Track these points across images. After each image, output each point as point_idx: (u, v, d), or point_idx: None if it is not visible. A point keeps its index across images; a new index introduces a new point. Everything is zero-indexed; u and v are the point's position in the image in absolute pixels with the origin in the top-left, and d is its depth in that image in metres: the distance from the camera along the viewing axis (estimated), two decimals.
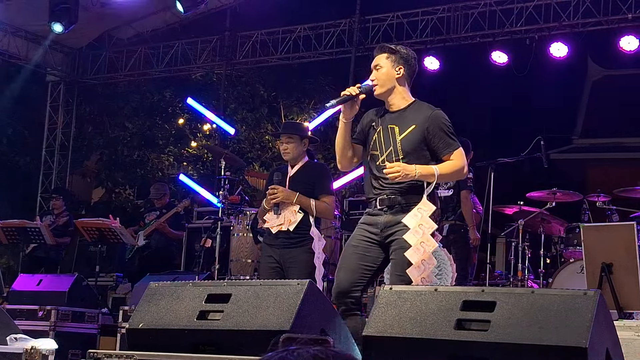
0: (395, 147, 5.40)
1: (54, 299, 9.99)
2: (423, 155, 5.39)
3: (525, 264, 9.96)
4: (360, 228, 5.49)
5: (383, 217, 5.39)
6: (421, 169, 5.25)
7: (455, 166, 5.38)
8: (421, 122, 5.39)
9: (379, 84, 5.51)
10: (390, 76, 5.50)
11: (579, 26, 12.91)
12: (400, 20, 14.20)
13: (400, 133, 5.41)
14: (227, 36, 15.66)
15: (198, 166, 18.32)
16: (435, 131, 5.37)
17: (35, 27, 14.89)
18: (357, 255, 5.40)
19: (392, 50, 5.56)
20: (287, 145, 7.19)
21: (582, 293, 3.74)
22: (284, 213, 6.96)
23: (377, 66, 5.54)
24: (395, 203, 5.37)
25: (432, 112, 5.43)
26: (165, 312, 4.33)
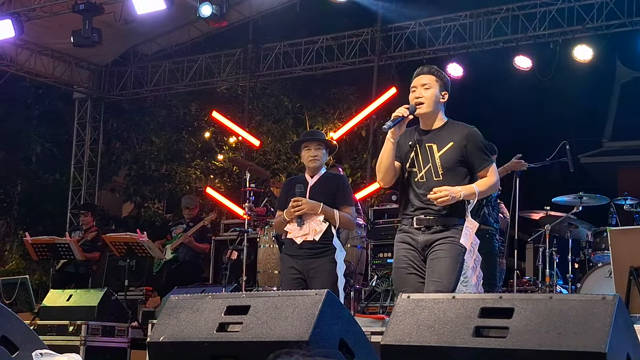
0: (434, 163, 5.59)
1: (85, 313, 10.05)
2: (461, 172, 5.60)
3: (554, 269, 9.90)
4: (403, 249, 5.66)
5: (422, 237, 5.58)
6: (464, 190, 5.46)
7: (491, 182, 5.63)
8: (458, 139, 5.59)
9: (426, 104, 5.64)
10: (437, 99, 5.67)
11: (603, 28, 12.86)
12: (423, 28, 14.21)
13: (439, 150, 5.60)
14: (250, 49, 15.74)
15: (225, 179, 18.35)
16: (473, 148, 5.59)
17: (61, 45, 15.01)
18: (411, 275, 5.59)
19: (441, 75, 5.76)
20: (317, 153, 7.12)
21: (600, 298, 3.72)
22: (309, 223, 6.89)
23: (426, 85, 5.67)
24: (434, 224, 5.56)
25: (468, 130, 5.64)
26: (186, 324, 4.34)
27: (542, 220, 10.06)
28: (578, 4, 12.88)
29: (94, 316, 10.01)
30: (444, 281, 5.40)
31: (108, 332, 10.05)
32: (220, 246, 12.17)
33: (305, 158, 7.18)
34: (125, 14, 13.21)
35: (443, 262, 5.46)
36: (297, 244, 6.94)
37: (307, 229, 6.92)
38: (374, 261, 11.06)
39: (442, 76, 5.77)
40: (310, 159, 7.13)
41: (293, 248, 7.00)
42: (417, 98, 5.65)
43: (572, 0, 12.93)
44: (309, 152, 7.15)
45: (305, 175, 7.25)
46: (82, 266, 12.42)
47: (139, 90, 16.85)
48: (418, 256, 5.59)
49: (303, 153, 7.22)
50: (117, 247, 11.09)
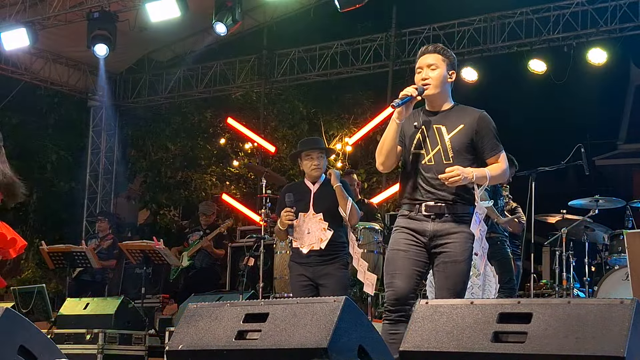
0: (444, 145, 5.33)
1: (101, 322, 10.07)
2: (470, 156, 5.36)
3: (570, 272, 9.88)
4: (405, 232, 5.38)
5: (431, 225, 5.32)
6: (477, 172, 5.24)
7: (502, 169, 5.37)
8: (469, 122, 5.36)
9: (433, 84, 5.40)
10: (444, 79, 5.43)
11: (617, 31, 12.83)
12: (437, 32, 14.21)
13: (449, 132, 5.35)
14: (264, 55, 15.77)
15: (240, 185, 18.38)
16: (485, 132, 5.35)
17: (75, 53, 15.08)
18: (410, 260, 5.31)
19: (447, 54, 5.50)
20: (319, 162, 7.13)
21: (618, 302, 3.71)
22: (313, 232, 6.90)
23: (433, 66, 5.43)
24: (445, 212, 5.31)
25: (480, 114, 5.41)
26: (204, 333, 4.35)
27: (559, 223, 10.04)
28: (592, 7, 12.86)
29: (111, 324, 10.04)
30: (458, 289, 5.24)
31: (125, 340, 10.07)
32: (237, 253, 12.19)
33: (308, 167, 7.16)
34: (139, 21, 13.26)
35: (458, 268, 5.27)
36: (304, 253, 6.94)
37: (313, 238, 6.91)
38: None
39: (449, 54, 5.51)
40: (313, 167, 7.13)
41: (301, 256, 6.99)
42: (424, 80, 5.41)
43: (585, 4, 12.92)
44: (311, 161, 7.14)
45: (305, 182, 7.24)
46: (99, 274, 12.45)
47: (154, 97, 16.88)
48: (421, 244, 5.33)
49: (305, 162, 7.19)
50: (134, 255, 11.12)
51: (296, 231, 6.96)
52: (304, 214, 7.01)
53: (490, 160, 5.37)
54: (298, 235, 6.94)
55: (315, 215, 6.98)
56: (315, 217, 6.98)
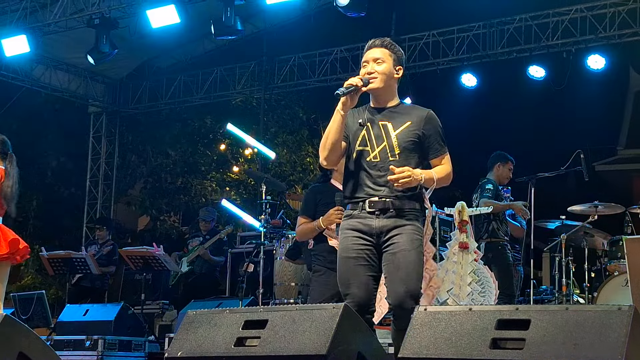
0: (390, 142, 5.18)
1: (101, 328, 10.09)
2: (415, 154, 5.22)
3: (570, 278, 9.90)
4: (352, 236, 5.20)
5: (376, 222, 5.15)
6: (425, 174, 5.10)
7: (447, 171, 5.23)
8: (416, 120, 5.23)
9: (379, 78, 5.23)
10: (390, 74, 5.28)
11: (616, 37, 12.84)
12: (436, 39, 14.22)
13: (395, 129, 5.20)
14: (264, 61, 15.78)
15: (240, 191, 18.41)
16: (431, 132, 5.22)
17: (75, 59, 15.09)
18: (362, 267, 5.15)
19: (394, 49, 5.37)
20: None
21: (616, 308, 3.72)
22: None
23: (379, 60, 5.27)
24: (390, 207, 5.15)
25: (428, 112, 5.28)
26: (204, 339, 4.36)
27: (558, 229, 10.06)
28: (591, 13, 12.88)
29: (110, 331, 10.06)
30: (413, 279, 5.04)
31: (125, 347, 10.08)
32: (237, 258, 12.18)
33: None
34: (140, 27, 13.27)
35: (408, 256, 5.06)
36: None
37: None
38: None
39: (396, 50, 5.37)
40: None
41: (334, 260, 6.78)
42: (369, 73, 5.24)
43: (584, 10, 12.93)
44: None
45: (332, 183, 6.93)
46: (98, 280, 12.45)
47: (154, 103, 16.90)
48: (370, 245, 5.16)
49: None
50: (134, 261, 11.12)
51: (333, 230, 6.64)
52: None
53: (434, 162, 5.27)
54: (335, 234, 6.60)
55: None
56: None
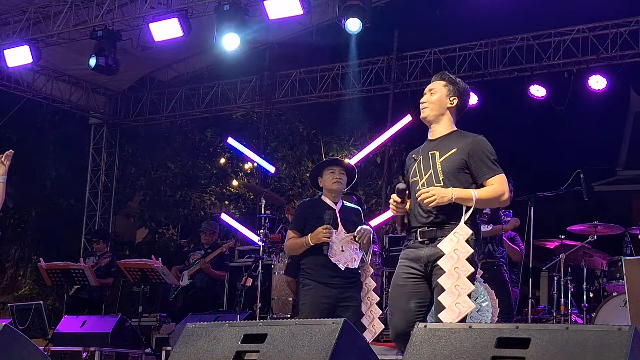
0: (435, 169, 5.33)
1: (98, 340, 10.07)
2: (464, 179, 5.30)
3: (568, 298, 9.87)
4: (404, 265, 5.38)
5: (425, 251, 5.29)
6: (458, 192, 5.17)
7: (495, 191, 5.26)
8: (462, 146, 5.33)
9: (429, 107, 5.46)
10: (442, 104, 5.46)
11: (617, 58, 12.88)
12: (438, 57, 14.27)
13: (441, 156, 5.35)
14: (266, 75, 15.81)
15: (240, 205, 18.40)
16: (477, 155, 5.29)
17: (77, 71, 15.12)
18: (408, 294, 5.30)
19: (451, 80, 5.54)
20: (341, 177, 7.01)
21: (616, 328, 3.72)
22: (347, 250, 6.79)
23: (432, 90, 5.51)
24: (437, 236, 5.25)
25: (474, 137, 5.38)
26: (202, 353, 4.35)
27: (557, 249, 10.05)
28: (592, 34, 12.92)
29: (107, 342, 10.03)
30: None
31: (122, 359, 10.06)
32: (235, 272, 12.15)
33: (329, 180, 7.01)
34: (142, 40, 13.30)
35: None
36: (332, 272, 6.78)
37: (348, 256, 6.80)
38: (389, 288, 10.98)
39: (453, 81, 5.53)
40: (335, 180, 6.99)
41: (329, 275, 6.83)
42: (422, 103, 5.51)
43: (586, 31, 12.98)
44: (333, 174, 7.02)
45: (324, 200, 7.08)
46: (96, 292, 12.42)
47: (155, 116, 16.92)
48: (418, 274, 5.31)
49: (326, 176, 7.05)
50: (132, 273, 11.10)
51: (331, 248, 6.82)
52: (335, 231, 6.85)
53: (485, 184, 5.29)
54: (333, 252, 6.78)
55: (347, 235, 6.87)
56: (347, 236, 6.86)
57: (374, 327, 6.61)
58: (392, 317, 5.35)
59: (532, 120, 16.31)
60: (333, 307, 6.77)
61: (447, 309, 5.05)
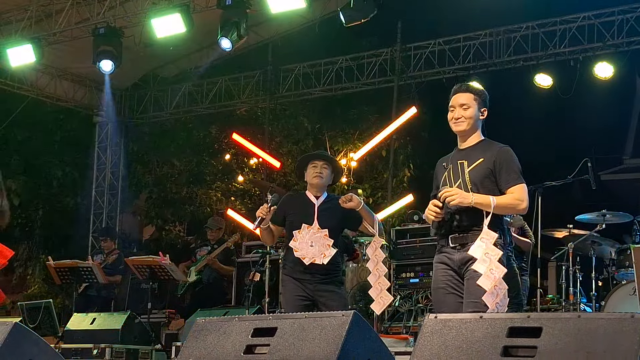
0: (464, 179, 5.56)
1: (108, 337, 10.08)
2: (490, 187, 5.53)
3: (577, 287, 9.84)
4: (441, 269, 5.66)
5: (457, 255, 5.57)
6: (477, 197, 5.42)
7: (514, 199, 5.51)
8: (489, 156, 5.57)
9: (466, 122, 5.64)
10: (476, 117, 5.66)
11: (624, 45, 12.82)
12: (442, 47, 14.22)
13: (469, 166, 5.58)
14: (269, 70, 15.78)
15: (246, 200, 18.38)
16: (501, 164, 5.53)
17: (80, 69, 15.11)
18: (451, 295, 5.59)
19: (479, 92, 5.73)
20: (323, 171, 6.95)
21: (629, 316, 3.69)
22: (317, 246, 6.72)
23: (465, 106, 5.65)
24: (467, 242, 5.51)
25: (501, 147, 5.63)
26: (213, 347, 4.34)
27: (565, 238, 10.02)
28: (598, 21, 12.86)
29: (117, 339, 10.05)
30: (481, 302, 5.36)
31: (132, 355, 10.07)
32: (243, 268, 12.16)
33: (310, 174, 6.98)
34: (145, 37, 13.28)
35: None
36: (304, 267, 6.74)
37: (316, 251, 6.72)
38: (396, 281, 10.99)
39: (480, 93, 5.74)
40: (315, 174, 6.93)
41: (299, 271, 6.80)
42: (457, 119, 5.66)
43: (592, 18, 12.92)
44: (314, 168, 6.98)
45: (307, 195, 7.03)
46: (104, 289, 12.44)
47: (159, 113, 16.91)
48: (455, 275, 5.58)
49: (309, 170, 7.02)
50: (140, 270, 11.10)
51: (298, 242, 6.78)
52: (308, 226, 6.81)
53: (507, 192, 5.53)
54: (300, 246, 6.75)
55: (320, 230, 6.83)
56: (320, 232, 6.82)
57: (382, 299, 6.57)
58: None
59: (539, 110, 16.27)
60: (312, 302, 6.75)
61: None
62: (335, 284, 6.83)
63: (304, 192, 7.09)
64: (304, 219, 6.84)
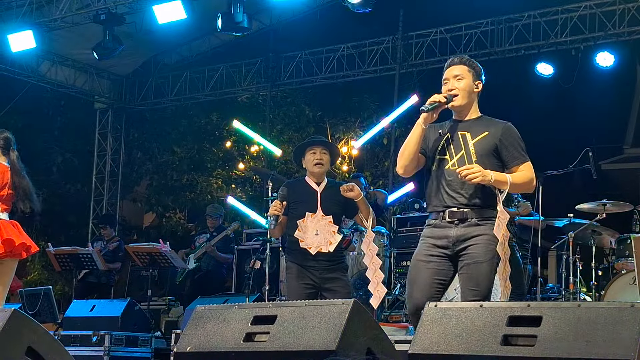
0: (467, 150, 5.35)
1: (108, 324, 10.08)
2: (495, 163, 5.35)
3: (577, 276, 9.84)
4: (428, 243, 5.40)
5: (454, 230, 5.32)
6: (496, 175, 5.23)
7: (526, 177, 5.36)
8: (494, 130, 5.38)
9: (460, 95, 5.43)
10: (471, 89, 5.46)
11: (625, 34, 12.80)
12: (444, 36, 14.20)
13: (473, 138, 5.37)
14: (271, 58, 15.76)
15: (246, 188, 18.39)
16: (509, 141, 5.36)
17: (81, 55, 15.08)
18: (429, 270, 5.33)
19: (472, 64, 5.56)
20: (322, 157, 6.84)
21: (629, 305, 3.69)
22: (322, 234, 6.66)
23: (459, 77, 5.46)
24: (468, 217, 5.31)
25: (506, 124, 5.45)
26: (212, 335, 4.34)
27: (566, 227, 10.02)
28: (600, 10, 12.83)
29: (117, 326, 10.05)
30: (482, 289, 5.22)
31: (131, 342, 10.07)
32: (243, 255, 12.15)
33: (310, 162, 6.85)
34: (146, 23, 13.25)
35: (481, 268, 5.24)
36: (310, 255, 6.66)
37: (322, 239, 6.65)
38: (397, 270, 10.97)
39: (474, 65, 5.56)
40: (316, 161, 6.81)
41: (305, 258, 6.71)
42: (450, 90, 5.44)
43: (593, 7, 12.89)
44: (314, 155, 6.85)
45: (307, 181, 6.92)
46: (104, 276, 12.45)
47: (160, 100, 16.89)
48: (443, 251, 5.33)
49: (307, 157, 6.88)
50: (140, 257, 11.11)
51: (303, 231, 6.75)
52: (312, 214, 6.70)
53: (514, 169, 5.37)
54: (305, 236, 6.64)
55: (324, 217, 6.76)
56: (324, 219, 6.74)
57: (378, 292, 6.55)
58: (411, 291, 5.37)
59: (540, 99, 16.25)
60: (317, 290, 6.70)
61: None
62: (340, 270, 6.79)
63: (304, 178, 6.98)
64: (307, 206, 6.75)
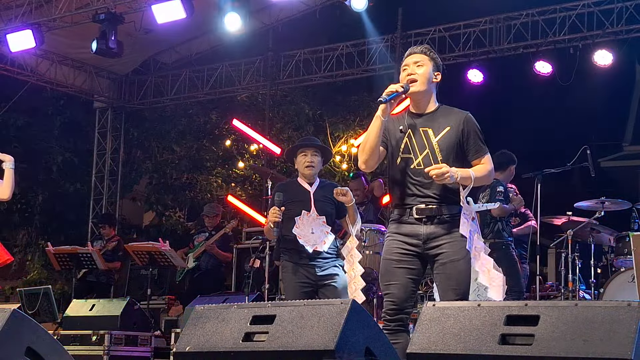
0: (432, 149, 5.30)
1: (107, 323, 10.10)
2: (458, 157, 5.33)
3: (576, 274, 9.87)
4: (397, 240, 5.36)
5: (424, 228, 5.29)
6: (461, 172, 5.19)
7: (486, 170, 5.35)
8: (455, 124, 5.33)
9: (420, 81, 5.35)
10: (430, 77, 5.40)
11: (623, 33, 12.81)
12: (443, 34, 14.20)
13: (435, 135, 5.33)
14: (270, 56, 15.75)
15: (246, 187, 18.37)
16: (470, 133, 5.33)
17: (81, 54, 15.09)
18: (402, 269, 5.30)
19: (433, 55, 5.50)
20: (313, 159, 6.97)
21: (626, 304, 3.71)
22: (317, 232, 6.74)
23: (419, 63, 5.41)
24: (436, 214, 5.28)
25: (465, 115, 5.39)
26: (212, 334, 4.36)
27: (565, 225, 10.04)
28: (598, 9, 12.84)
29: (116, 326, 10.06)
30: (463, 287, 5.24)
31: (131, 342, 10.10)
32: (243, 254, 12.18)
33: (301, 164, 7.00)
34: (145, 23, 13.26)
35: (458, 266, 5.23)
36: (305, 253, 6.78)
37: (317, 238, 6.77)
38: None
39: (435, 56, 5.49)
40: (307, 164, 6.95)
41: (301, 257, 6.83)
42: (410, 75, 5.36)
43: (592, 5, 12.90)
44: (305, 157, 6.98)
45: (299, 181, 7.07)
46: (104, 275, 12.46)
47: (160, 99, 16.90)
48: (413, 251, 5.31)
49: (299, 159, 7.03)
50: (140, 257, 11.13)
51: (300, 228, 6.81)
52: (307, 212, 6.84)
53: (474, 162, 5.35)
54: (302, 233, 6.74)
55: (318, 217, 6.85)
56: (318, 218, 6.85)
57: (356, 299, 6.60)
58: (389, 290, 5.34)
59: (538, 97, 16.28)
60: (314, 288, 6.79)
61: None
62: (336, 267, 6.87)
63: (296, 180, 7.11)
64: (301, 206, 6.88)
